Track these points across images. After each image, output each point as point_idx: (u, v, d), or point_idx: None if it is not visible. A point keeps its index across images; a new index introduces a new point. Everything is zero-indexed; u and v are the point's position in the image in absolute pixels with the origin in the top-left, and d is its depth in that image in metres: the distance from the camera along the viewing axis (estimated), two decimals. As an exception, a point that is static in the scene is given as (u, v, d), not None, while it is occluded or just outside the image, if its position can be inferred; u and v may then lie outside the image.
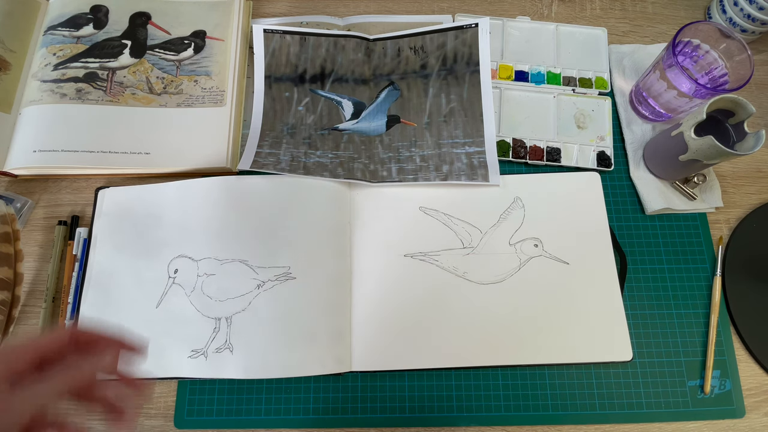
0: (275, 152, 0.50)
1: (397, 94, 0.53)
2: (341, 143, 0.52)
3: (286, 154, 0.50)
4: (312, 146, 0.51)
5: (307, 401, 0.46)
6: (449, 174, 0.50)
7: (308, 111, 0.53)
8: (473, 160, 0.51)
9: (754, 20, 0.55)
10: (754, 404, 0.46)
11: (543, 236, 0.50)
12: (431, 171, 0.50)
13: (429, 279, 0.48)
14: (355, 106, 0.53)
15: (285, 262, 0.47)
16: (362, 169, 0.50)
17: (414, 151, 0.51)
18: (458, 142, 0.52)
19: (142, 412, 0.45)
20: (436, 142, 0.52)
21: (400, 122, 0.53)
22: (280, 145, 0.51)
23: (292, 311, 0.46)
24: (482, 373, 0.47)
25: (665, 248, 0.51)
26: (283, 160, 0.50)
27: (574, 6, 0.62)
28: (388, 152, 0.52)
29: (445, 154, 0.51)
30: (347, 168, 0.50)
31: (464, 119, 0.53)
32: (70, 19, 0.55)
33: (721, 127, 0.48)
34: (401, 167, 0.51)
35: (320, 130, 0.52)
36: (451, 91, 0.54)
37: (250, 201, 0.49)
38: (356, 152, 0.51)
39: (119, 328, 0.32)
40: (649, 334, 0.48)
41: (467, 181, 0.50)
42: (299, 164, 0.49)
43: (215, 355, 0.44)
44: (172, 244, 0.48)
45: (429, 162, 0.51)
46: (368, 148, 0.52)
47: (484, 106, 0.53)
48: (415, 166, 0.51)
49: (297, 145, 0.51)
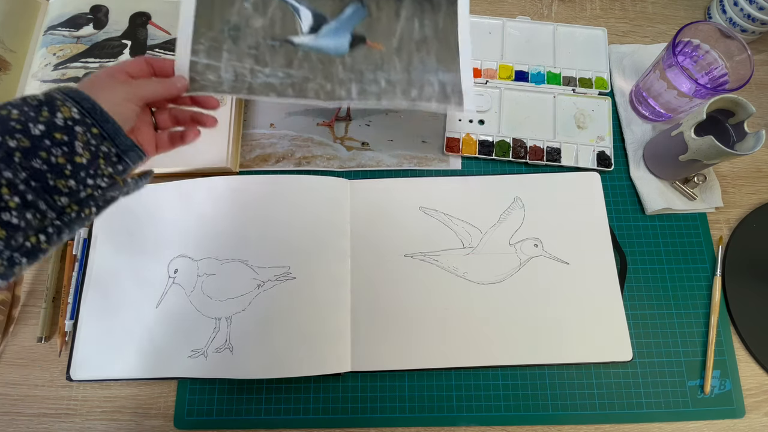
0: (215, 65, 0.42)
1: (364, 13, 0.46)
2: (295, 60, 0.44)
3: (228, 69, 0.42)
4: (259, 61, 0.43)
5: (307, 401, 0.46)
6: (418, 98, 0.45)
7: (256, 11, 0.44)
8: (446, 87, 0.45)
9: (754, 20, 0.55)
10: (754, 404, 0.46)
11: (543, 236, 0.50)
12: (398, 94, 0.45)
13: (429, 279, 0.48)
14: (315, 19, 0.45)
15: (285, 262, 0.47)
16: (316, 90, 0.44)
17: (379, 74, 0.45)
18: (431, 69, 0.46)
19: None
20: (406, 68, 0.46)
21: (366, 44, 0.46)
22: (219, 53, 0.42)
23: (292, 311, 0.46)
24: (482, 373, 0.47)
25: (665, 248, 0.51)
26: (225, 79, 0.42)
27: (574, 6, 0.62)
28: (350, 73, 0.45)
29: (415, 78, 0.45)
30: (299, 89, 0.43)
31: (438, 45, 0.47)
32: (70, 19, 0.55)
33: (721, 127, 0.48)
34: (363, 88, 0.44)
35: (270, 40, 0.44)
36: (425, 17, 0.47)
37: (250, 201, 0.49)
38: (312, 72, 0.44)
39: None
40: (649, 334, 0.48)
41: (438, 106, 0.45)
42: (243, 84, 0.42)
43: (215, 355, 0.44)
44: (172, 244, 0.48)
45: (396, 86, 0.45)
46: (326, 68, 0.44)
47: (461, 35, 0.47)
48: (379, 89, 0.44)
49: (241, 56, 0.43)
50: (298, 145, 0.54)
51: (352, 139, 0.55)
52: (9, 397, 0.46)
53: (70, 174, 0.30)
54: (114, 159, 0.33)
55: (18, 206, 0.27)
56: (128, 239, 0.48)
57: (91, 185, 0.31)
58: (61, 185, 0.29)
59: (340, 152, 0.54)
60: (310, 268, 0.47)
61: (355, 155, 0.54)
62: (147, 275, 0.47)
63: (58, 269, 0.49)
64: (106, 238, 0.49)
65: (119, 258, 0.48)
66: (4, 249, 0.27)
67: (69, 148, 0.30)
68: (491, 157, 0.54)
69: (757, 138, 0.44)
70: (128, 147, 0.33)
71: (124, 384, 0.46)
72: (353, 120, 0.56)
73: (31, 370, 0.47)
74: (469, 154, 0.54)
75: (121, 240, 0.48)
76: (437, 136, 0.55)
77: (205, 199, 0.49)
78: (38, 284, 0.49)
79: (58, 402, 0.46)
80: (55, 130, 0.29)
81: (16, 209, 0.27)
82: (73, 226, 0.31)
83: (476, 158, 0.54)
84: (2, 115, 0.29)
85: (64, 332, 0.46)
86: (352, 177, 0.53)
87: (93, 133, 0.31)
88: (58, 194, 0.29)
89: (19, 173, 0.28)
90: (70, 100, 0.31)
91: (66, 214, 0.30)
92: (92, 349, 0.45)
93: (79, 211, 0.31)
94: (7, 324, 0.46)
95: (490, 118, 0.55)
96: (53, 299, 0.48)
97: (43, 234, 0.29)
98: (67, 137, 0.30)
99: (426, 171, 0.54)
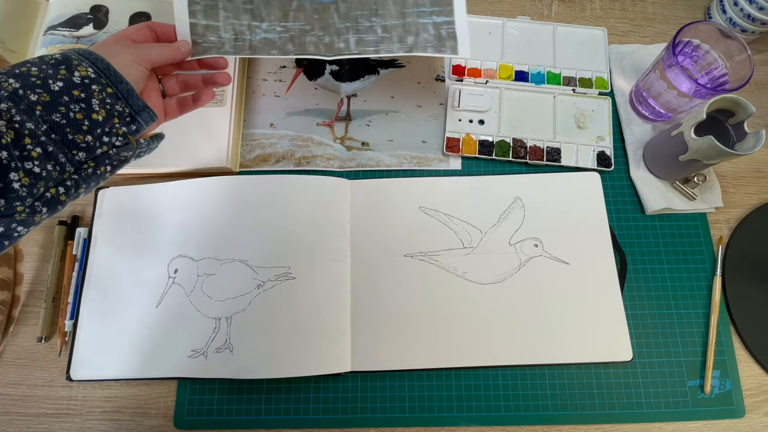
0: (214, 25, 0.44)
1: None
2: (290, 11, 0.46)
3: (227, 29, 0.44)
4: (256, 16, 0.45)
5: (307, 401, 0.46)
6: (414, 46, 0.46)
7: None
8: (441, 31, 0.47)
9: (754, 20, 0.55)
10: (754, 404, 0.46)
11: (543, 236, 0.50)
12: (394, 42, 0.46)
13: (429, 279, 0.48)
14: None
15: (285, 262, 0.47)
16: (315, 43, 0.45)
17: (375, 21, 0.47)
18: (425, 11, 0.47)
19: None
20: (400, 11, 0.47)
21: None
22: (216, 12, 0.44)
23: (292, 311, 0.46)
24: (482, 373, 0.47)
25: (665, 248, 0.51)
26: (225, 39, 0.44)
27: (574, 6, 0.62)
28: (345, 22, 0.46)
29: (410, 24, 0.47)
30: (298, 43, 0.45)
31: None
32: (70, 19, 0.55)
33: (721, 127, 0.48)
34: (360, 38, 0.46)
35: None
36: None
37: (250, 201, 0.49)
38: (308, 23, 0.46)
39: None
40: (649, 334, 0.48)
41: (434, 53, 0.46)
42: (244, 43, 0.44)
43: (215, 355, 0.44)
44: (172, 244, 0.48)
45: (392, 33, 0.46)
46: (322, 18, 0.46)
47: None
48: (377, 38, 0.46)
49: (237, 13, 0.45)
50: (298, 145, 0.54)
51: (352, 139, 0.55)
52: (9, 397, 0.46)
53: (87, 129, 0.31)
54: (128, 119, 0.34)
55: (40, 156, 0.29)
56: (128, 239, 0.48)
57: (107, 143, 0.33)
58: (79, 140, 0.31)
59: (340, 152, 0.54)
60: (310, 268, 0.47)
61: (355, 155, 0.54)
62: (147, 275, 0.47)
63: (58, 269, 0.49)
64: (106, 238, 0.49)
65: (119, 258, 0.48)
66: (27, 196, 0.29)
67: (86, 105, 0.31)
68: (491, 157, 0.54)
69: (757, 138, 0.44)
70: (141, 108, 0.35)
71: (124, 384, 0.46)
72: (353, 120, 0.56)
73: (31, 370, 0.47)
74: (469, 154, 0.54)
75: (121, 240, 0.48)
76: (437, 136, 0.55)
77: (205, 199, 0.49)
78: (38, 284, 0.49)
79: (58, 402, 0.46)
80: (73, 87, 0.31)
81: (38, 159, 0.29)
82: (89, 181, 0.33)
83: (476, 158, 0.54)
84: (23, 72, 0.30)
85: (64, 332, 0.46)
86: (352, 177, 0.53)
87: (108, 92, 0.33)
88: (76, 149, 0.31)
89: (41, 125, 0.30)
90: (86, 61, 0.33)
91: (83, 170, 0.32)
92: (92, 349, 0.45)
93: (95, 167, 0.33)
94: (7, 324, 0.46)
95: (490, 118, 0.55)
96: (53, 299, 0.48)
97: (62, 186, 0.31)
98: (84, 94, 0.32)
99: (426, 171, 0.54)
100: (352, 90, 0.57)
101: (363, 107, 0.56)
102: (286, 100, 0.56)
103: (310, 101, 0.56)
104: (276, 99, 0.56)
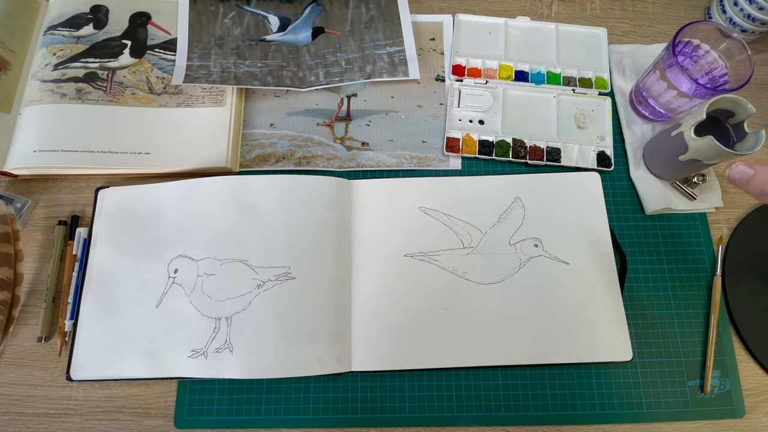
0: (205, 64, 0.53)
1: (320, 9, 0.58)
2: (269, 53, 0.55)
3: (216, 65, 0.53)
4: (241, 56, 0.54)
5: (307, 401, 0.46)
6: (372, 73, 0.55)
7: (234, 23, 0.56)
8: (394, 59, 0.56)
9: (754, 20, 0.55)
10: (754, 404, 0.46)
11: (543, 236, 0.50)
12: (356, 72, 0.55)
13: (429, 279, 0.48)
14: (281, 21, 0.57)
15: (285, 262, 0.47)
16: (291, 77, 0.54)
17: (339, 56, 0.56)
18: (380, 44, 0.56)
19: (141, 412, 0.45)
20: (360, 46, 0.56)
21: (325, 32, 0.57)
22: (209, 56, 0.54)
23: (292, 311, 0.46)
24: (482, 373, 0.47)
25: (665, 248, 0.51)
26: (213, 72, 0.53)
27: (574, 6, 0.62)
28: (315, 59, 0.55)
29: (369, 56, 0.56)
30: (276, 76, 0.54)
31: (384, 24, 0.58)
32: (70, 19, 0.55)
33: (721, 127, 0.48)
34: (328, 71, 0.55)
35: (248, 41, 0.55)
36: (371, 2, 0.59)
37: (250, 201, 0.49)
38: (284, 61, 0.55)
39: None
40: (649, 334, 0.48)
41: (389, 77, 0.55)
42: (230, 75, 0.53)
43: (215, 355, 0.44)
44: (172, 244, 0.48)
45: (354, 64, 0.55)
46: (296, 57, 0.55)
47: (401, 10, 0.58)
48: (341, 69, 0.55)
49: (226, 55, 0.54)
50: (298, 145, 0.55)
51: (352, 139, 0.55)
52: (9, 397, 0.46)
53: None
54: None
55: None
56: (128, 239, 0.48)
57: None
58: None
59: (340, 152, 0.54)
60: (310, 268, 0.47)
61: (355, 155, 0.54)
62: (147, 275, 0.47)
63: (58, 269, 0.49)
64: (106, 238, 0.49)
65: (119, 258, 0.48)
66: None
67: None
68: (491, 157, 0.54)
69: (757, 138, 0.44)
70: None
71: (124, 384, 0.46)
72: (353, 120, 0.56)
73: (31, 370, 0.47)
74: (469, 154, 0.54)
75: (121, 240, 0.48)
76: (437, 136, 0.55)
77: (205, 199, 0.49)
78: (38, 284, 0.49)
79: (58, 402, 0.46)
80: None
81: None
82: None
83: (476, 158, 0.54)
84: None
85: (64, 332, 0.46)
86: (352, 177, 0.53)
87: None
88: None
89: None
90: None
91: None
92: (92, 349, 0.45)
93: None
94: (7, 324, 0.46)
95: (490, 118, 0.55)
96: (53, 299, 0.48)
97: None
98: None
99: (426, 171, 0.54)
100: (352, 90, 0.57)
101: (363, 107, 0.56)
102: (286, 100, 0.56)
103: (310, 101, 0.56)
104: (276, 99, 0.56)
